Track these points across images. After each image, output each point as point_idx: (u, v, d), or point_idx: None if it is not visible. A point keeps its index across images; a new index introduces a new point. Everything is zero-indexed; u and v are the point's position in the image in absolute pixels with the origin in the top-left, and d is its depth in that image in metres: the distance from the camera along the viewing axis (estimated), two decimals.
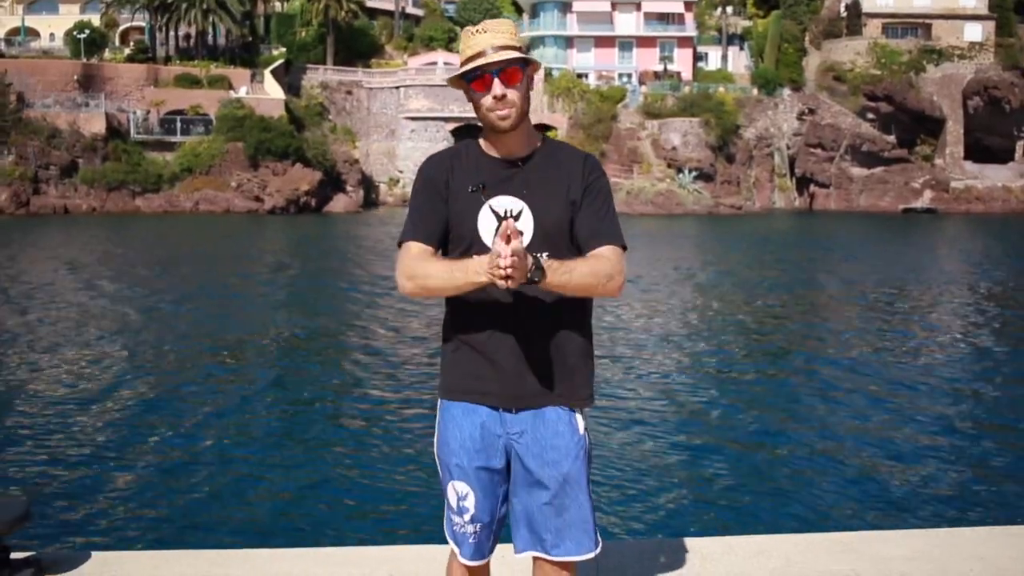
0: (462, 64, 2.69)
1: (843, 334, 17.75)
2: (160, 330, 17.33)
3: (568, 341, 2.74)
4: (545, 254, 2.58)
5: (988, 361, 15.40)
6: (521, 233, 2.45)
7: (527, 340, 2.69)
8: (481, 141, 2.80)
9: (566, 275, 2.54)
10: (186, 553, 4.17)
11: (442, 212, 2.72)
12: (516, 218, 2.66)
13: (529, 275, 2.43)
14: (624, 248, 2.72)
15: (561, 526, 2.71)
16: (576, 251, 2.69)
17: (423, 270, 2.64)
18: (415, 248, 2.69)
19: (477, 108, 2.70)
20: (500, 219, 2.64)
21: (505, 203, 2.67)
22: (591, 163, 2.78)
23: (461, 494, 2.76)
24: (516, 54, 2.64)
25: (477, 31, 2.69)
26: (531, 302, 2.67)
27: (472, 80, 2.67)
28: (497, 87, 2.63)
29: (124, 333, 16.98)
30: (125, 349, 15.49)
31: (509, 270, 2.35)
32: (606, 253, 2.66)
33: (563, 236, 2.71)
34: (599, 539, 2.76)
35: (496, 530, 2.83)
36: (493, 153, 2.76)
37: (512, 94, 2.65)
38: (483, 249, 2.61)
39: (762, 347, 16.51)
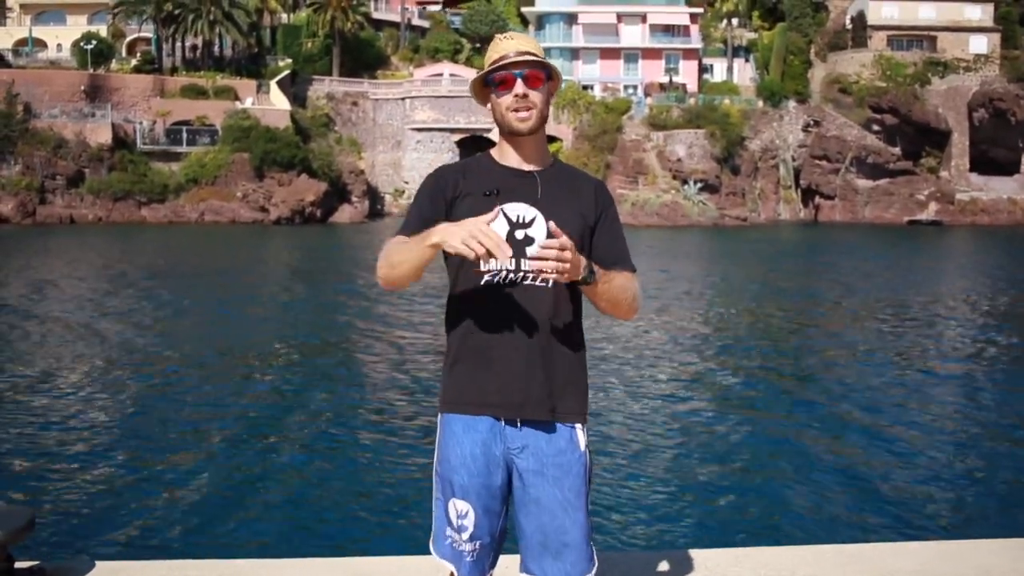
0: (487, 67, 2.74)
1: (851, 347, 17.70)
2: (165, 340, 17.34)
3: (566, 352, 2.74)
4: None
5: (999, 374, 15.35)
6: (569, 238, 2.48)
7: (528, 349, 2.68)
8: (493, 152, 2.83)
9: (607, 284, 2.66)
10: (192, 563, 4.15)
11: (441, 213, 2.71)
12: (529, 225, 2.68)
13: (583, 275, 2.54)
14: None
15: (559, 546, 2.69)
16: None
17: (388, 249, 2.65)
18: (399, 237, 2.70)
19: (497, 112, 2.73)
20: (512, 224, 2.67)
21: (518, 209, 2.68)
22: (603, 189, 2.87)
23: (461, 512, 2.73)
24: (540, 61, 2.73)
25: (505, 38, 2.77)
26: (530, 311, 2.67)
27: (496, 81, 2.72)
28: (519, 86, 2.69)
29: (129, 342, 16.99)
30: (130, 358, 15.50)
31: (561, 265, 2.42)
32: (631, 279, 2.75)
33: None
34: (596, 559, 2.75)
35: (496, 547, 2.80)
36: (505, 163, 2.78)
37: (534, 95, 2.70)
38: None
39: (769, 359, 16.47)
